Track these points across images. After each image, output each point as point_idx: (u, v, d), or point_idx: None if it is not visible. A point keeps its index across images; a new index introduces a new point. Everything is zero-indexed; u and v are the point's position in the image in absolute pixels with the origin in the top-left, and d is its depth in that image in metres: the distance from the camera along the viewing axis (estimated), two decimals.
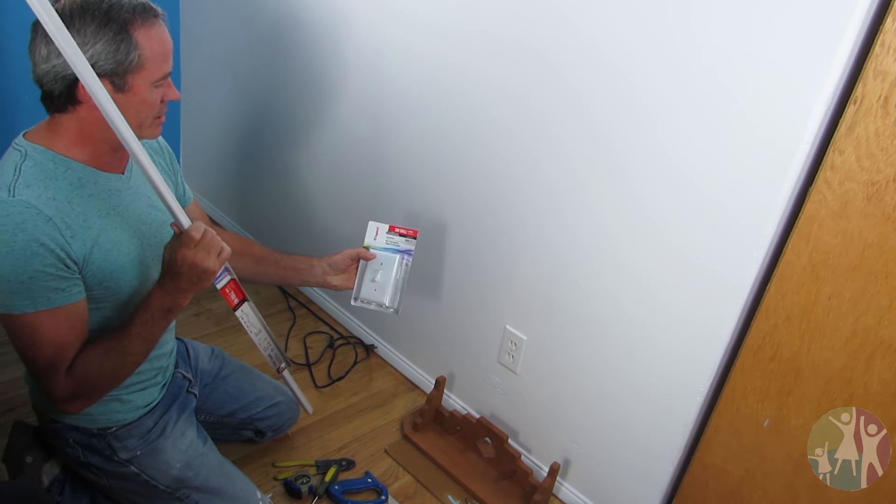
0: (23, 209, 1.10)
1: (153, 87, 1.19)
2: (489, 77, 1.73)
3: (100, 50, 1.11)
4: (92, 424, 1.38)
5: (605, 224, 1.59)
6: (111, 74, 1.14)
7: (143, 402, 1.43)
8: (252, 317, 1.48)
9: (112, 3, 1.12)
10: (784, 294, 1.35)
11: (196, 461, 1.48)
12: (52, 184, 1.16)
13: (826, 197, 1.25)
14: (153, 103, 1.21)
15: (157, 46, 1.16)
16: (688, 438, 1.59)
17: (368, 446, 1.97)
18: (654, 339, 1.57)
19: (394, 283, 1.62)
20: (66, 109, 1.17)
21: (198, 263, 1.18)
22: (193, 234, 1.18)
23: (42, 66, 1.13)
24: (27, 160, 1.16)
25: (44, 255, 1.11)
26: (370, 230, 1.64)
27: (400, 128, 2.02)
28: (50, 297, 1.14)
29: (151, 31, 1.15)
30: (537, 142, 1.67)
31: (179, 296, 1.21)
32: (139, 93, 1.18)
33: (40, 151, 1.18)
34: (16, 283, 1.10)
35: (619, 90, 1.48)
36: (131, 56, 1.13)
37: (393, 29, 1.94)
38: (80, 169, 1.21)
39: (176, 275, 1.19)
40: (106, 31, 1.11)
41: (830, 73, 1.19)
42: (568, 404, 1.81)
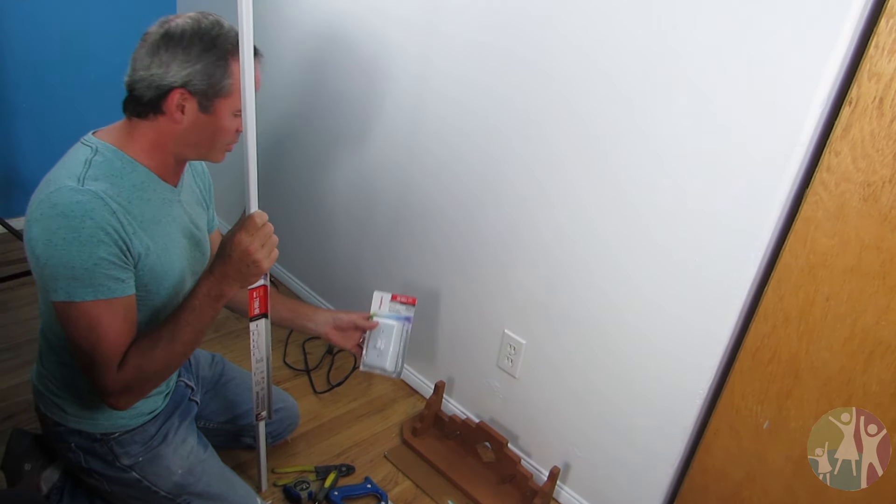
0: (92, 198, 1.14)
1: (233, 115, 1.26)
2: (487, 86, 1.74)
3: (199, 70, 1.19)
4: (95, 429, 1.38)
5: (601, 228, 1.59)
6: (201, 94, 1.21)
7: (147, 409, 1.43)
8: (263, 336, 1.49)
9: (220, 34, 1.22)
10: (782, 296, 1.36)
11: (197, 467, 1.48)
12: (117, 181, 1.20)
13: (822, 198, 1.26)
14: (229, 131, 1.28)
15: None
16: (687, 441, 1.59)
17: (368, 452, 1.97)
18: (653, 343, 1.57)
19: (394, 350, 1.71)
20: (147, 116, 1.24)
21: (251, 252, 1.22)
22: (257, 219, 1.23)
23: (140, 72, 1.20)
24: (97, 156, 1.21)
25: (108, 244, 1.15)
26: (375, 300, 1.73)
27: (396, 132, 2.03)
28: (110, 286, 1.16)
29: None
30: (532, 148, 1.68)
31: (225, 284, 1.24)
32: (221, 118, 1.25)
33: (111, 150, 1.23)
34: (80, 270, 1.13)
35: (612, 95, 1.49)
36: (224, 82, 1.22)
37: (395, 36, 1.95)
38: (145, 173, 1.26)
39: (227, 259, 1.22)
40: (209, 55, 1.20)
41: (825, 74, 1.19)
42: (567, 408, 1.81)
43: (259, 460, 1.70)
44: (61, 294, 1.15)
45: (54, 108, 2.67)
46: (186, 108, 1.22)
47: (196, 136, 1.26)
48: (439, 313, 2.09)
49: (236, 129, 1.29)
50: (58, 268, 1.13)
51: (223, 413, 1.72)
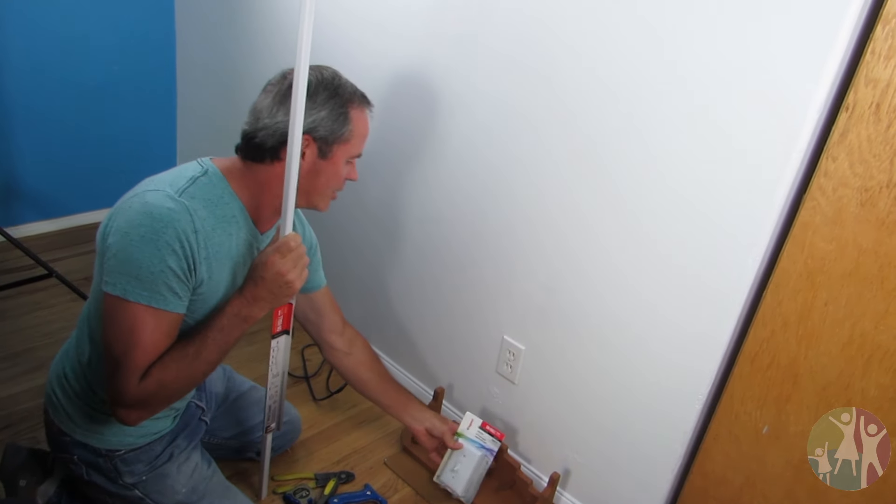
0: (182, 210, 1.17)
1: (346, 163, 1.35)
2: (489, 92, 1.74)
3: (323, 116, 1.27)
4: (101, 444, 1.37)
5: (600, 234, 1.60)
6: (322, 140, 1.29)
7: (155, 429, 1.42)
8: (282, 353, 1.49)
9: (341, 84, 1.31)
10: (780, 301, 1.36)
11: (201, 485, 1.48)
12: (211, 207, 1.23)
13: (820, 203, 1.26)
14: (340, 177, 1.36)
15: (362, 129, 1.34)
16: (687, 446, 1.59)
17: (367, 459, 1.97)
18: (652, 348, 1.57)
19: (470, 478, 1.81)
20: (265, 161, 1.28)
21: (283, 273, 1.24)
22: (291, 242, 1.25)
23: (265, 120, 1.27)
24: (204, 177, 1.24)
25: (180, 257, 1.16)
26: (465, 420, 1.84)
27: (391, 134, 2.03)
28: (167, 297, 1.17)
29: (362, 115, 1.34)
30: (532, 154, 1.68)
31: (256, 306, 1.25)
32: (336, 163, 1.33)
33: (219, 177, 1.27)
34: (145, 271, 1.14)
35: (611, 103, 1.50)
36: (344, 129, 1.30)
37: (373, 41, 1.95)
38: (239, 209, 1.29)
39: (259, 280, 1.24)
40: (332, 103, 1.28)
41: (822, 80, 1.20)
42: (567, 414, 1.81)
43: (262, 471, 1.69)
44: (118, 288, 1.15)
45: (52, 115, 2.67)
46: (307, 153, 1.28)
47: (310, 182, 1.32)
48: (439, 319, 2.09)
49: (346, 176, 1.36)
50: (124, 262, 1.14)
51: (229, 429, 1.73)
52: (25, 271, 2.43)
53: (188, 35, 2.83)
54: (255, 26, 2.44)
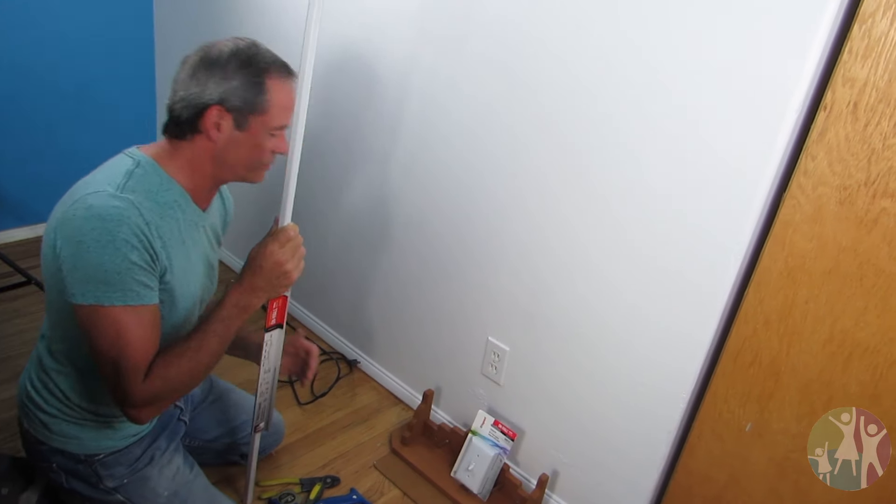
0: (129, 206, 1.15)
1: (269, 134, 1.28)
2: (473, 96, 1.74)
3: (235, 86, 1.22)
4: (79, 450, 1.35)
5: (582, 235, 1.60)
6: (237, 111, 1.23)
7: (134, 430, 1.40)
8: (275, 348, 1.48)
9: (257, 53, 1.25)
10: (762, 299, 1.37)
11: (183, 489, 1.46)
12: (152, 196, 1.21)
13: (800, 202, 1.27)
14: (264, 150, 1.29)
15: (282, 99, 1.27)
16: (672, 445, 1.60)
17: (353, 462, 1.96)
18: (635, 348, 1.58)
19: (485, 476, 1.84)
20: (186, 137, 1.25)
21: (281, 263, 1.25)
22: (290, 231, 1.27)
23: (180, 93, 1.23)
24: (139, 168, 1.22)
25: (140, 250, 1.15)
26: (479, 418, 1.89)
27: (374, 139, 2.03)
28: (139, 292, 1.16)
29: (282, 84, 1.27)
30: (512, 157, 1.68)
31: (254, 295, 1.26)
32: (256, 135, 1.26)
33: (152, 165, 1.24)
34: (112, 273, 1.12)
35: (592, 106, 1.50)
36: (259, 99, 1.24)
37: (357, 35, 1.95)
38: (179, 193, 1.27)
39: (257, 269, 1.25)
40: (246, 73, 1.22)
41: (801, 80, 1.21)
42: (553, 415, 1.81)
43: (249, 474, 1.68)
44: (89, 297, 1.13)
45: (30, 120, 2.64)
46: (222, 125, 1.24)
47: (232, 155, 1.28)
48: (424, 321, 2.08)
49: (272, 149, 1.30)
50: (87, 270, 1.12)
51: (211, 431, 1.71)
52: (4, 279, 2.40)
53: (167, 37, 2.81)
54: (236, 24, 2.42)
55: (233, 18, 2.44)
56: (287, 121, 1.31)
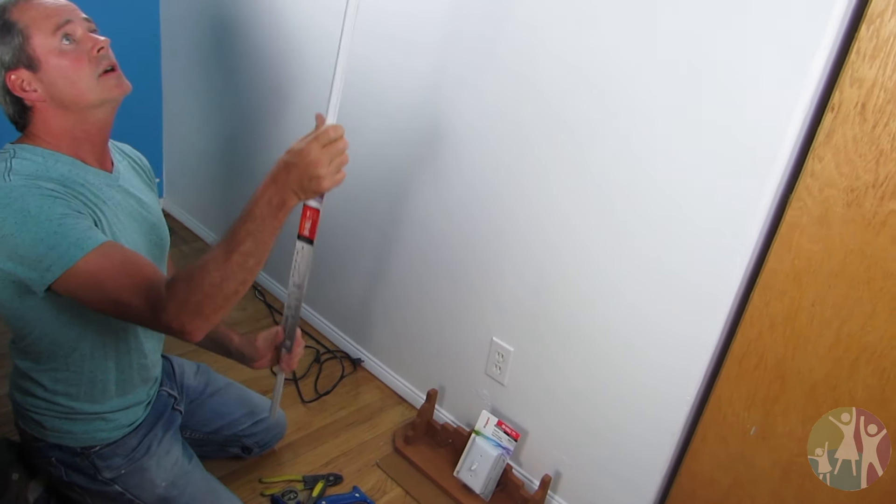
0: (23, 187, 1.10)
1: (59, 44, 1.16)
2: (479, 96, 1.74)
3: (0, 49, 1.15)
4: (75, 443, 1.36)
5: (587, 236, 1.59)
6: (18, 63, 1.15)
7: (127, 420, 1.41)
8: (304, 262, 1.35)
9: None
10: (767, 301, 1.36)
11: (181, 480, 1.47)
12: (44, 174, 1.16)
13: (807, 204, 1.26)
14: (75, 64, 1.17)
15: (34, 10, 1.16)
16: (675, 448, 1.59)
17: (356, 461, 1.96)
18: (640, 350, 1.57)
19: (487, 476, 1.83)
20: (26, 116, 1.20)
21: (316, 164, 1.08)
22: (332, 132, 1.11)
23: None
24: (16, 156, 1.16)
25: (61, 204, 1.10)
26: (482, 418, 1.88)
27: (379, 137, 2.03)
28: (89, 235, 1.10)
29: (26, 4, 1.16)
30: (520, 158, 1.68)
31: (287, 193, 1.09)
32: (48, 60, 1.16)
33: (28, 149, 1.19)
34: (50, 238, 1.07)
35: (598, 106, 1.49)
36: (15, 33, 1.15)
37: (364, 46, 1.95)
38: (70, 162, 1.21)
39: (291, 167, 1.09)
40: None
41: (808, 80, 1.20)
42: (556, 416, 1.80)
43: (276, 388, 1.61)
44: (54, 270, 1.07)
45: None
46: (25, 82, 1.16)
47: (60, 91, 1.18)
48: (428, 321, 2.08)
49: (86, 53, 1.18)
50: (29, 252, 1.07)
51: (209, 423, 1.71)
52: None
53: (174, 39, 2.82)
54: (243, 27, 2.43)
55: (240, 19, 2.44)
56: (59, 17, 1.17)
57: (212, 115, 2.75)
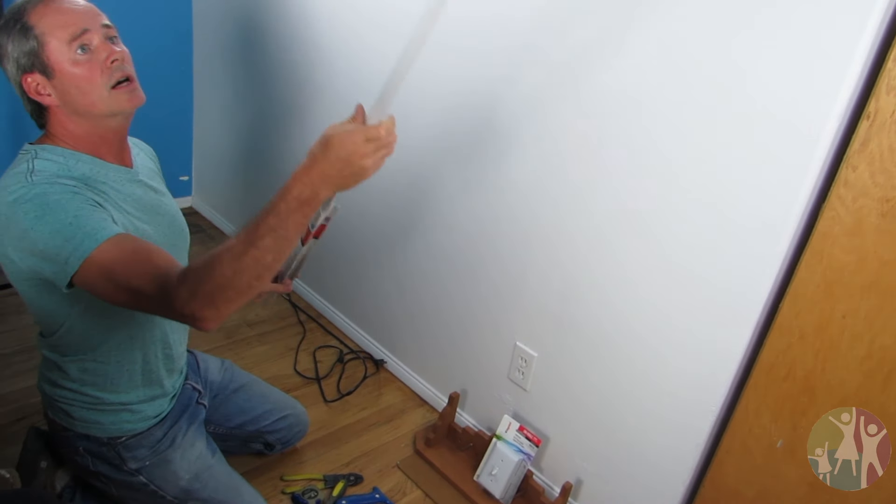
0: (45, 184, 1.12)
1: (74, 54, 1.16)
2: (501, 95, 1.74)
3: (13, 51, 1.16)
4: (102, 433, 1.39)
5: (612, 242, 1.58)
6: (34, 67, 1.16)
7: (153, 412, 1.43)
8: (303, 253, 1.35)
9: (11, 7, 1.17)
10: (798, 312, 1.33)
11: (204, 473, 1.48)
12: (66, 174, 1.18)
13: (839, 213, 1.24)
14: (88, 74, 1.17)
15: (51, 17, 1.15)
16: (699, 458, 1.57)
17: (377, 461, 1.96)
18: (665, 358, 1.55)
19: (508, 482, 1.82)
20: (44, 115, 1.22)
21: (362, 155, 1.00)
22: (382, 130, 1.02)
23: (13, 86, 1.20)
24: (38, 157, 1.18)
25: (79, 199, 1.12)
26: (504, 422, 1.88)
27: (408, 139, 2.03)
28: (104, 226, 1.10)
29: (44, 7, 1.16)
30: (547, 162, 1.67)
31: (322, 184, 1.00)
32: (63, 69, 1.16)
33: (49, 149, 1.20)
34: (66, 229, 1.08)
35: (626, 110, 1.48)
36: (31, 37, 1.15)
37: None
38: (90, 160, 1.23)
39: (332, 157, 0.99)
40: (9, 33, 1.16)
41: (843, 88, 1.18)
42: (578, 423, 1.79)
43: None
44: (72, 262, 1.07)
45: None
46: (41, 86, 1.18)
47: (73, 99, 1.19)
48: (451, 324, 2.08)
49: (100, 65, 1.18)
50: (49, 245, 1.08)
51: (233, 418, 1.72)
52: None
53: (205, 40, 2.86)
54: (272, 28, 2.45)
55: (270, 13, 2.47)
56: (76, 27, 1.16)
57: (240, 114, 2.78)
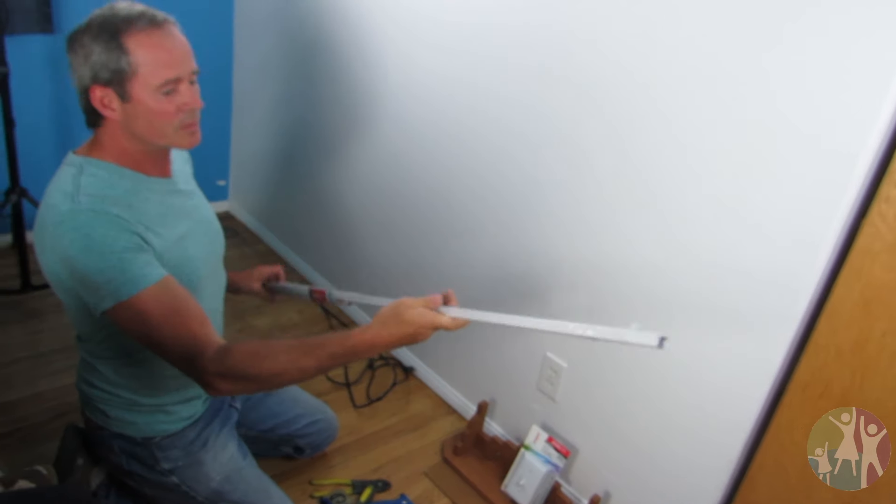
0: (90, 212, 1.15)
1: (159, 94, 1.18)
2: (537, 111, 1.74)
3: (96, 60, 1.15)
4: (137, 433, 1.41)
5: (646, 253, 1.57)
6: (111, 83, 1.16)
7: (187, 413, 1.46)
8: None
9: (109, 17, 1.15)
10: (835, 329, 1.31)
11: (235, 475, 1.50)
12: (110, 192, 1.20)
13: (880, 230, 1.22)
14: (164, 112, 1.19)
15: (151, 53, 1.15)
16: (731, 475, 1.55)
17: (404, 468, 1.97)
18: (698, 372, 1.54)
19: (535, 493, 1.81)
20: (97, 122, 1.23)
21: (424, 338, 1.17)
22: (451, 325, 1.19)
23: (73, 84, 1.19)
24: (83, 174, 1.20)
25: (124, 237, 1.15)
26: (532, 433, 1.87)
27: (436, 149, 2.04)
28: (145, 273, 1.15)
29: (146, 38, 1.15)
30: (572, 168, 1.67)
31: (381, 346, 1.16)
32: (142, 100, 1.17)
33: (93, 164, 1.22)
34: (109, 270, 1.13)
35: (657, 116, 1.48)
36: (122, 62, 1.14)
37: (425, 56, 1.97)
38: (132, 176, 1.25)
39: (400, 333, 1.15)
40: (99, 42, 1.14)
41: (885, 103, 1.16)
42: (607, 435, 1.77)
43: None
44: (108, 300, 1.14)
45: None
46: (110, 101, 1.18)
47: (136, 126, 1.20)
48: (481, 332, 2.08)
49: (178, 107, 1.20)
50: (90, 280, 1.14)
51: (265, 421, 1.74)
52: None
53: (245, 46, 2.90)
54: (314, 34, 2.48)
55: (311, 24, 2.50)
56: (172, 73, 1.18)
57: (278, 121, 2.82)
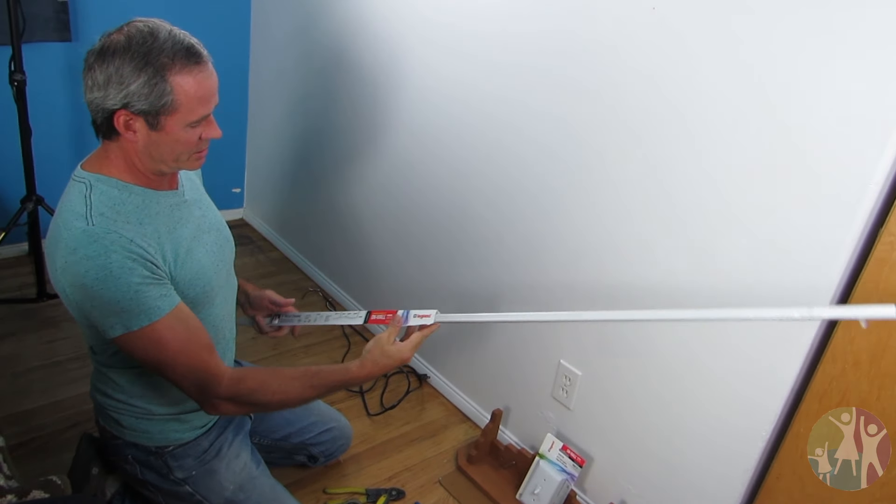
0: (105, 234, 1.16)
1: (188, 127, 1.19)
2: (559, 121, 1.74)
3: (134, 91, 1.13)
4: (151, 442, 1.42)
5: (663, 261, 1.56)
6: (145, 114, 1.15)
7: (201, 422, 1.46)
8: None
9: (153, 47, 1.12)
10: (852, 338, 1.30)
11: (248, 484, 1.51)
12: (122, 209, 1.21)
13: None
14: (188, 142, 1.21)
15: (193, 91, 1.16)
16: (748, 484, 1.54)
17: (419, 476, 1.97)
18: (714, 380, 1.53)
19: (550, 501, 1.81)
20: (111, 137, 1.21)
21: (408, 360, 1.48)
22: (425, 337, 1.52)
23: (87, 94, 1.17)
24: (93, 191, 1.21)
25: (139, 270, 1.17)
26: (547, 441, 1.86)
27: (451, 157, 2.04)
28: (159, 305, 1.19)
29: (189, 76, 1.15)
30: (588, 172, 1.67)
31: (368, 378, 1.43)
32: (172, 132, 1.18)
33: (103, 180, 1.22)
34: (125, 302, 1.16)
35: (677, 123, 1.47)
36: (165, 100, 1.14)
37: (441, 64, 1.98)
38: (141, 192, 1.25)
39: (387, 364, 1.43)
40: (142, 74, 1.12)
41: None
42: (623, 443, 1.77)
43: None
44: (118, 329, 1.17)
45: None
46: (135, 126, 1.17)
47: (157, 151, 1.21)
48: (496, 340, 2.08)
49: (199, 136, 1.22)
50: (103, 308, 1.16)
51: (278, 430, 1.75)
52: None
53: (261, 55, 2.92)
54: (324, 58, 2.50)
55: (325, 32, 2.51)
56: (206, 110, 1.20)
57: (293, 129, 2.83)
